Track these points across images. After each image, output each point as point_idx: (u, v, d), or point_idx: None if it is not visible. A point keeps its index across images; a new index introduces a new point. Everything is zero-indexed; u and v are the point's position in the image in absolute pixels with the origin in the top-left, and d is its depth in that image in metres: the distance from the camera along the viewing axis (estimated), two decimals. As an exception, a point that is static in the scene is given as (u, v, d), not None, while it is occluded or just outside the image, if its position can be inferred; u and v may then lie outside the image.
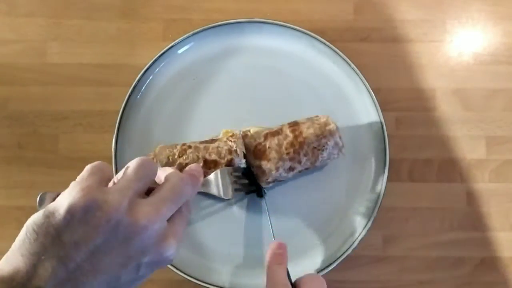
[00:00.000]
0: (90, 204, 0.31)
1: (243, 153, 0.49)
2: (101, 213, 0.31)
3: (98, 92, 0.56)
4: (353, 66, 0.53)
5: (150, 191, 0.36)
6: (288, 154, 0.48)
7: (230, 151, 0.48)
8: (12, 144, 0.55)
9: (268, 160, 0.48)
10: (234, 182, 0.49)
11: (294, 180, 0.52)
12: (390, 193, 0.52)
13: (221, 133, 0.52)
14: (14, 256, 0.30)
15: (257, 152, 0.49)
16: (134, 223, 0.32)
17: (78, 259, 0.30)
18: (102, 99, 0.56)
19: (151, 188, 0.36)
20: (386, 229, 0.54)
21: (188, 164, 0.47)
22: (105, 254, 0.31)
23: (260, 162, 0.48)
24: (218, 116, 0.54)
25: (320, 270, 0.49)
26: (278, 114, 0.52)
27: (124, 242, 0.31)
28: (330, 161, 0.50)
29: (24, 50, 0.57)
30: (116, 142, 0.52)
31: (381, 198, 0.51)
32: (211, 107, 0.54)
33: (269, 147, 0.48)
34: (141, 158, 0.35)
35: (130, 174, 0.34)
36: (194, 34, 0.54)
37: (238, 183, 0.49)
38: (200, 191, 0.47)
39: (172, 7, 0.58)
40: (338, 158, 0.50)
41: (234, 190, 0.49)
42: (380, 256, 0.53)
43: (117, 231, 0.31)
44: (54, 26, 0.57)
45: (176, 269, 0.49)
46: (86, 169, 0.34)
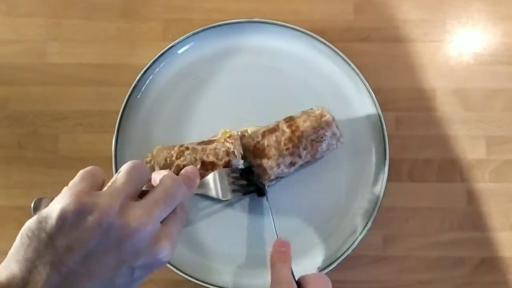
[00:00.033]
0: (81, 208, 0.31)
1: (241, 154, 0.49)
2: (92, 216, 0.31)
3: (98, 92, 0.56)
4: (353, 66, 0.53)
5: (144, 195, 0.36)
6: (287, 149, 0.48)
7: (228, 153, 0.48)
8: (12, 144, 0.55)
9: (268, 158, 0.48)
10: (232, 183, 0.49)
11: (295, 179, 0.52)
12: (390, 193, 0.52)
13: (219, 133, 0.52)
14: (10, 262, 0.30)
15: (256, 151, 0.49)
16: (126, 226, 0.32)
17: (71, 264, 0.30)
18: (102, 99, 0.56)
19: (146, 192, 0.36)
20: (386, 229, 0.54)
21: (185, 166, 0.47)
22: (98, 258, 0.31)
23: (261, 161, 0.48)
24: (218, 116, 0.54)
25: (320, 270, 0.50)
26: (278, 114, 0.52)
27: (116, 245, 0.31)
28: (329, 152, 0.50)
29: (24, 50, 0.57)
30: (116, 142, 0.52)
31: (381, 198, 0.51)
32: (211, 107, 0.54)
33: (267, 145, 0.48)
34: (132, 161, 0.35)
35: (121, 177, 0.34)
36: (194, 34, 0.54)
37: (236, 184, 0.49)
38: (198, 193, 0.47)
39: (172, 7, 0.58)
40: (336, 157, 0.50)
41: (232, 191, 0.49)
42: (380, 256, 0.53)
43: (109, 234, 0.31)
44: (54, 26, 0.57)
45: (176, 269, 0.49)
46: (78, 174, 0.34)
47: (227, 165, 0.48)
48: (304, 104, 0.54)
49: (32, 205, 0.36)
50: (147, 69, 0.53)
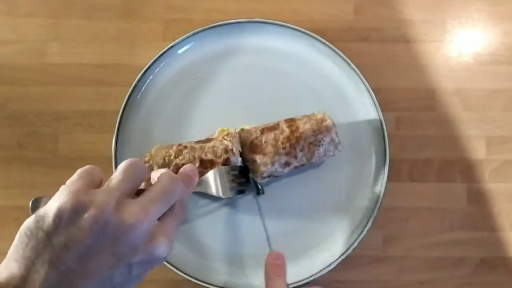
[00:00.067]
0: (77, 206, 0.31)
1: (240, 151, 0.49)
2: (88, 214, 0.31)
3: (98, 92, 0.56)
4: (353, 66, 0.53)
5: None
6: (284, 148, 0.48)
7: (226, 150, 0.48)
8: (12, 144, 0.55)
9: (264, 154, 0.48)
10: (231, 180, 0.49)
11: (295, 179, 0.52)
12: (390, 193, 0.52)
13: (216, 131, 0.52)
14: (9, 261, 0.30)
15: (253, 146, 0.49)
16: (122, 223, 0.32)
17: (69, 262, 0.30)
18: (102, 99, 0.56)
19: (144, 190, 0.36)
20: (386, 229, 0.54)
21: (184, 164, 0.47)
22: (95, 255, 0.31)
23: (255, 157, 0.48)
24: (218, 116, 0.54)
25: (320, 270, 0.49)
26: (278, 114, 0.52)
27: (113, 242, 0.31)
28: (326, 158, 0.50)
29: (24, 50, 0.57)
30: (116, 142, 0.52)
31: (381, 198, 0.51)
32: (211, 107, 0.54)
33: (265, 142, 0.48)
34: (129, 159, 0.36)
35: (117, 175, 0.34)
36: (194, 34, 0.54)
37: (235, 182, 0.49)
38: (198, 191, 0.47)
39: (172, 7, 0.58)
40: (336, 157, 0.50)
41: (232, 189, 0.49)
42: (380, 256, 0.53)
43: (105, 231, 0.31)
44: (54, 26, 0.57)
45: (176, 269, 0.49)
46: (76, 173, 0.34)
47: (226, 162, 0.48)
48: (304, 104, 0.54)
49: (30, 204, 0.36)
50: (147, 69, 0.53)
